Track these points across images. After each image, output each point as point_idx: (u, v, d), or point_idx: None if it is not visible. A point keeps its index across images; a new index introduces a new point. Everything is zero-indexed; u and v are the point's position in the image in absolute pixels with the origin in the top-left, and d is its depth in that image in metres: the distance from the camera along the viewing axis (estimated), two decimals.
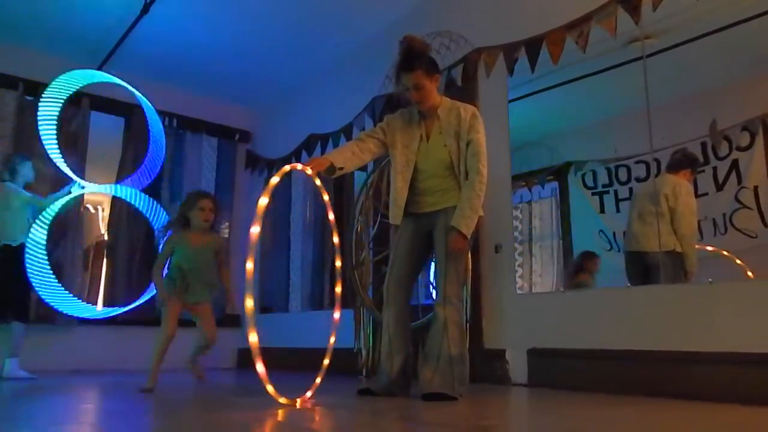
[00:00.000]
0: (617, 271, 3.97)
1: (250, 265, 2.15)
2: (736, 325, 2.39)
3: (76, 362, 4.65)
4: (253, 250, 2.14)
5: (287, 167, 2.47)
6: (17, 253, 3.87)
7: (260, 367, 2.07)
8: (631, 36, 3.18)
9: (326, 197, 2.64)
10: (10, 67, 4.75)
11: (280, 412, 2.05)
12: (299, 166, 2.49)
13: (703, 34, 3.35)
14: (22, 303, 3.92)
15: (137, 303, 4.61)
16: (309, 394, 2.33)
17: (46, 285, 4.10)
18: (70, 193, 4.28)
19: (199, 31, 4.70)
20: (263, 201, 2.21)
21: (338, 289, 2.60)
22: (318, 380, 2.43)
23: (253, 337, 2.06)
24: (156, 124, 4.70)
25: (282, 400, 2.19)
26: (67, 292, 4.33)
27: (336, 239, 2.63)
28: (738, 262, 3.38)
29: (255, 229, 2.15)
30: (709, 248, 3.58)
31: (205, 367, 3.98)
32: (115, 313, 4.60)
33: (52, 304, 4.18)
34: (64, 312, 4.33)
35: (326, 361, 2.50)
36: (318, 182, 2.56)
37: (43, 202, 4.08)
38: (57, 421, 1.92)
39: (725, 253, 3.55)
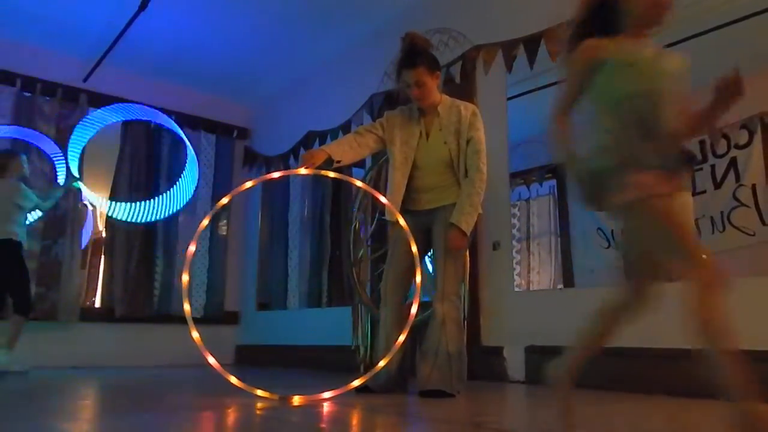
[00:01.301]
0: (616, 268, 3.98)
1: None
2: (735, 322, 2.39)
3: (75, 359, 4.65)
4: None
5: (275, 174, 2.45)
6: (20, 248, 3.89)
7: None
8: None
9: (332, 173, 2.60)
10: (8, 62, 4.74)
11: (278, 409, 2.05)
12: (277, 175, 2.48)
13: (702, 32, 3.35)
14: (24, 297, 3.92)
15: None
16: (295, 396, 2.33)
17: None
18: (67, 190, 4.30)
19: (198, 27, 4.68)
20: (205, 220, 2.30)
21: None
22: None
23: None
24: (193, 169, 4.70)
25: (259, 392, 2.20)
26: None
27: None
28: (734, 259, 3.39)
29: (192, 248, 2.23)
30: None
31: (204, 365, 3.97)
32: None
33: None
34: None
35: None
36: (322, 172, 2.54)
37: (44, 205, 4.07)
38: (56, 417, 1.92)
39: (719, 250, 3.56)
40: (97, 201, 4.53)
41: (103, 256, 5.14)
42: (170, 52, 5.02)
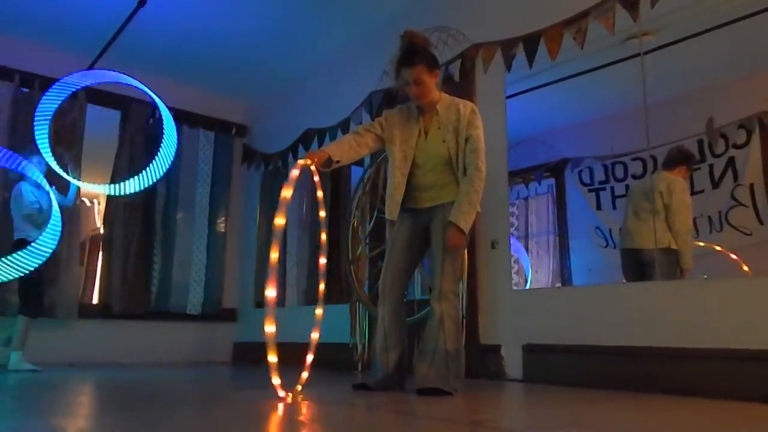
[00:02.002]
0: (613, 267, 3.99)
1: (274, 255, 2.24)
2: (731, 321, 2.40)
3: (72, 355, 4.65)
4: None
5: (300, 163, 2.45)
6: None
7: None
8: (628, 33, 3.19)
9: (320, 194, 2.65)
10: (6, 58, 4.73)
11: (275, 406, 2.05)
12: (299, 165, 2.47)
13: (701, 32, 3.35)
14: (31, 298, 3.93)
15: None
16: (299, 387, 2.33)
17: None
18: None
19: (197, 24, 4.67)
20: (287, 193, 2.38)
21: (321, 286, 2.69)
22: (305, 374, 2.42)
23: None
24: (170, 126, 4.62)
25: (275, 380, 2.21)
26: None
27: (324, 237, 2.66)
28: (733, 256, 3.40)
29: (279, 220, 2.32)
30: (701, 244, 3.59)
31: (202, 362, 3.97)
32: None
33: None
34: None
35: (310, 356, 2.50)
36: (317, 178, 2.56)
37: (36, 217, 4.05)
38: (52, 413, 1.92)
39: (717, 248, 3.57)
40: (85, 185, 4.47)
41: (101, 253, 5.13)
42: (169, 48, 5.01)
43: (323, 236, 2.66)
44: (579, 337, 2.89)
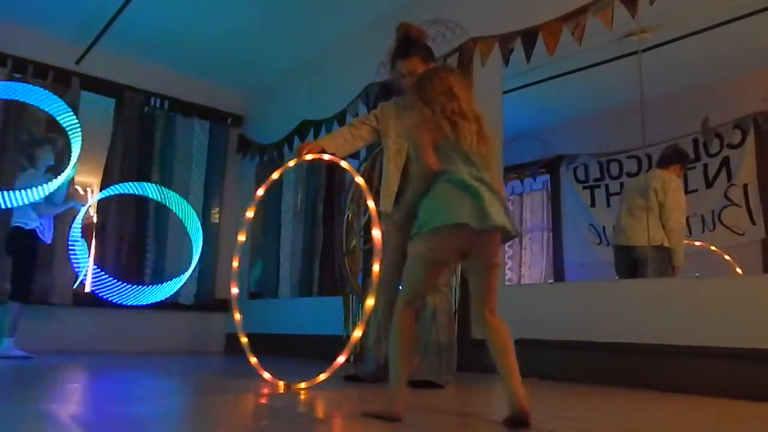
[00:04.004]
0: (606, 264, 4.00)
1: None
2: (721, 320, 2.41)
3: (63, 343, 4.63)
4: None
5: (290, 163, 2.46)
6: (26, 237, 3.91)
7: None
8: (626, 30, 3.18)
9: (360, 180, 2.52)
10: (0, 43, 4.69)
11: (267, 396, 2.05)
12: (292, 164, 2.49)
13: (699, 30, 3.36)
14: (23, 284, 3.92)
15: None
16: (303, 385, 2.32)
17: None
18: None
19: (193, 12, 4.64)
20: (259, 192, 2.52)
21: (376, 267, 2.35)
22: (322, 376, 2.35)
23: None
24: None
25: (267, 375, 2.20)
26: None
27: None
28: (726, 257, 3.41)
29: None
30: (697, 243, 3.60)
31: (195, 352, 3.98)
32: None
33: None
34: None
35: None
36: (327, 157, 2.51)
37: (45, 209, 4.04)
38: (47, 399, 1.91)
39: (713, 248, 3.58)
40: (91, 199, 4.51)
41: (93, 241, 5.10)
42: (164, 36, 4.97)
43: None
44: (571, 332, 2.90)
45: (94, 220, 5.27)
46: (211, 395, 2.14)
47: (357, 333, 2.21)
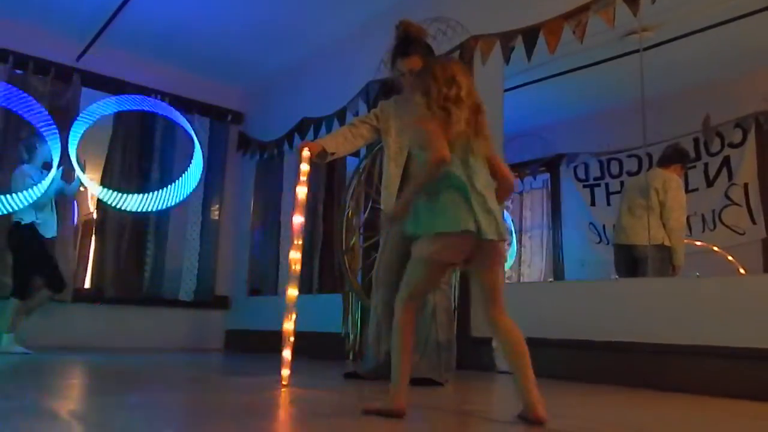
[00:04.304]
0: (606, 263, 4.00)
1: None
2: (721, 319, 2.41)
3: (66, 340, 4.63)
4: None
5: (304, 156, 2.46)
6: (24, 232, 3.91)
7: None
8: (627, 29, 3.18)
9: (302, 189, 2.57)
10: (1, 40, 4.68)
11: (267, 394, 2.05)
12: (306, 158, 2.51)
13: (700, 29, 3.35)
14: (23, 281, 3.93)
15: None
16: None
17: None
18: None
19: (194, 9, 4.63)
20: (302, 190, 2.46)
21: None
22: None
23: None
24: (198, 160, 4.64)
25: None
26: None
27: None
28: (730, 258, 3.41)
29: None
30: (698, 243, 3.60)
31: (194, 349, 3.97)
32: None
33: None
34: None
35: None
36: (305, 167, 2.53)
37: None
38: (47, 395, 1.91)
39: (716, 248, 3.57)
40: (90, 185, 4.50)
41: (93, 237, 5.10)
42: (165, 33, 4.96)
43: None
44: (570, 331, 2.90)
45: (94, 216, 5.27)
46: (210, 393, 2.14)
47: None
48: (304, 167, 2.38)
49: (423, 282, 1.65)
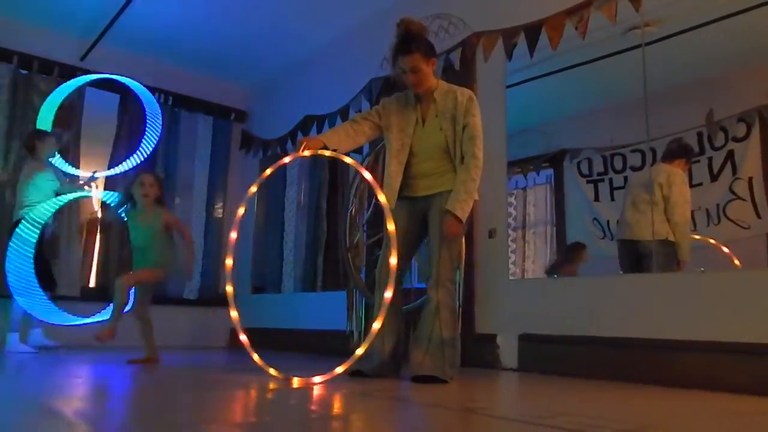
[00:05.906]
0: (610, 258, 3.99)
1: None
2: (726, 314, 2.41)
3: (70, 338, 4.65)
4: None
5: (286, 159, 2.51)
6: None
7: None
8: (630, 24, 3.17)
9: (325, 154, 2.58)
10: (5, 40, 4.69)
11: (271, 391, 2.06)
12: (288, 160, 2.54)
13: (703, 23, 3.34)
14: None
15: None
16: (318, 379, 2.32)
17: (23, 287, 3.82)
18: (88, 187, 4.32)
19: (197, 8, 4.64)
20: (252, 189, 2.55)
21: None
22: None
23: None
24: (152, 106, 4.61)
25: (272, 371, 2.21)
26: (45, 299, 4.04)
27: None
28: (725, 249, 3.40)
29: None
30: (697, 237, 3.59)
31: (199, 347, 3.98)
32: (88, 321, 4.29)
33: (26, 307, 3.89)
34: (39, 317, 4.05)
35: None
36: (328, 153, 2.54)
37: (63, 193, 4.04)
38: (52, 394, 1.93)
39: (712, 241, 3.56)
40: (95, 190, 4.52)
41: (98, 235, 5.12)
42: (169, 32, 4.97)
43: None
44: (575, 327, 2.90)
45: (99, 215, 5.28)
46: (214, 390, 2.15)
47: (376, 325, 2.26)
48: (267, 172, 2.45)
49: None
